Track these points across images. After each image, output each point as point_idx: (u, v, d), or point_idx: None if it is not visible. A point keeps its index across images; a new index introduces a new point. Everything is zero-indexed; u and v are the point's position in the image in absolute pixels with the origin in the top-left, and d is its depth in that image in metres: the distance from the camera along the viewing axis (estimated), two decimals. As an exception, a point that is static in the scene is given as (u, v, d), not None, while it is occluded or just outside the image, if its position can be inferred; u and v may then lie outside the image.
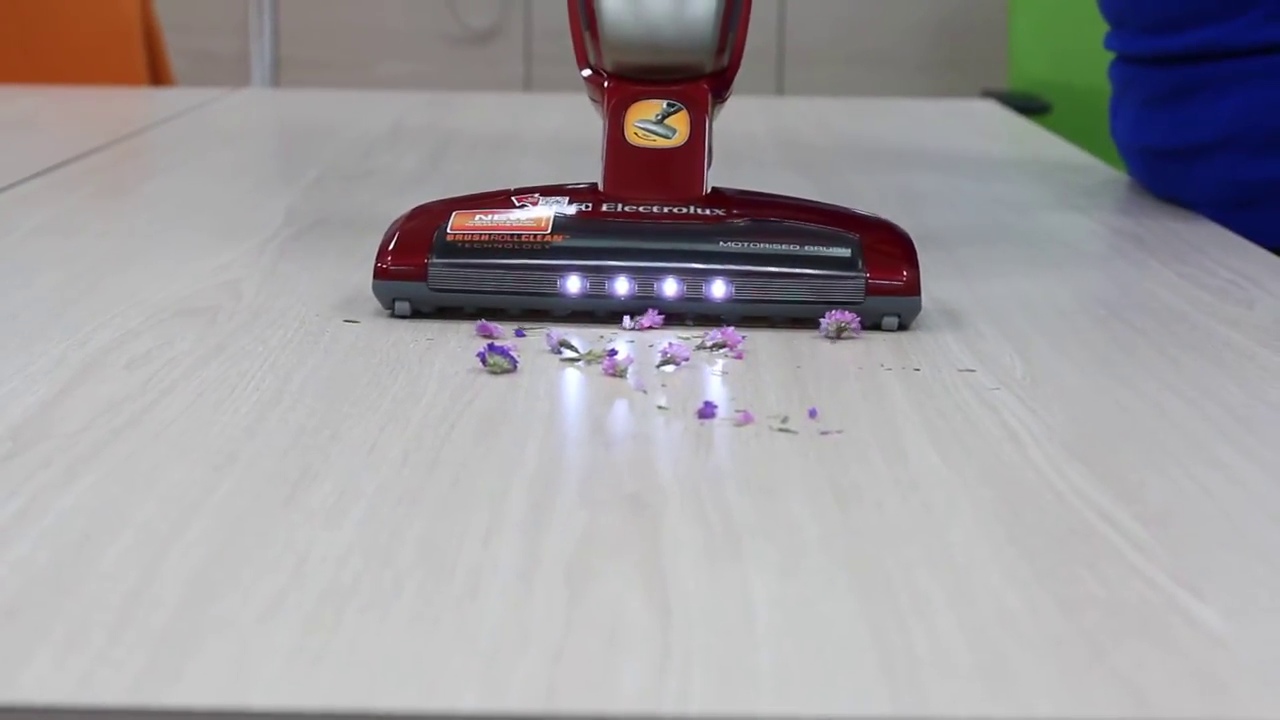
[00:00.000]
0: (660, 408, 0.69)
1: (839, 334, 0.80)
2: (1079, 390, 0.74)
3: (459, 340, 0.79)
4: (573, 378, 0.74)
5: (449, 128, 1.63)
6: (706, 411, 0.68)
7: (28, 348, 0.76)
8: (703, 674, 0.46)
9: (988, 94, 2.54)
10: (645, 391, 0.71)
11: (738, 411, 0.68)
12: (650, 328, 0.80)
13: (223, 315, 0.83)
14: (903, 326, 0.82)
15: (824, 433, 0.66)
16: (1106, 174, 1.36)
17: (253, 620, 0.48)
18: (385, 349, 0.77)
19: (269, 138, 1.68)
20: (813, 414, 0.68)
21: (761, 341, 0.80)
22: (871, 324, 0.81)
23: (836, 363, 0.77)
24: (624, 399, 0.70)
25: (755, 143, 1.55)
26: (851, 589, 0.51)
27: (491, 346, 0.74)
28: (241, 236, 1.03)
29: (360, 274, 0.90)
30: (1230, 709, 0.45)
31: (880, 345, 0.80)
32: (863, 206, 0.88)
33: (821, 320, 0.80)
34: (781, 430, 0.66)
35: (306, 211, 1.13)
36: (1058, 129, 1.75)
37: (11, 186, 1.21)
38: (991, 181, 1.36)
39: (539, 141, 1.54)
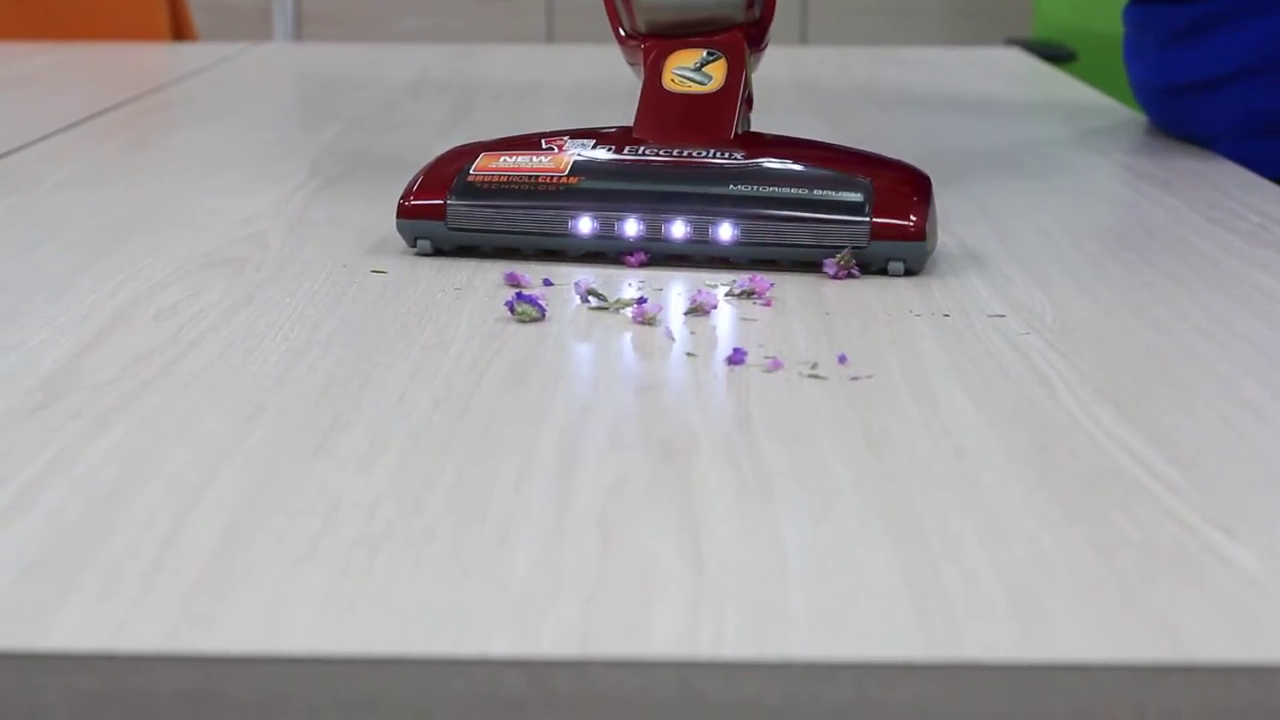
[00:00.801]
0: (689, 354, 0.69)
1: (846, 271, 0.81)
2: (1109, 334, 0.74)
3: (487, 289, 0.79)
4: (601, 325, 0.73)
5: (472, 79, 1.62)
6: (735, 358, 0.68)
7: (56, 300, 0.76)
8: (736, 618, 0.46)
9: (1012, 42, 2.53)
10: (674, 338, 0.71)
11: (766, 358, 0.68)
12: (641, 265, 0.83)
13: (250, 266, 0.83)
14: (910, 272, 0.82)
15: (854, 378, 0.66)
16: (1131, 118, 1.36)
17: (285, 567, 0.48)
18: (413, 298, 0.77)
19: (292, 91, 1.68)
20: (842, 360, 0.68)
21: (790, 288, 0.79)
22: (878, 269, 0.82)
23: (865, 309, 0.76)
24: (653, 346, 0.70)
25: (778, 89, 1.55)
26: (884, 533, 0.51)
27: (520, 295, 0.74)
28: (267, 188, 1.03)
29: (387, 223, 0.90)
30: (1265, 648, 0.45)
31: (909, 291, 0.79)
32: (889, 152, 0.87)
33: (825, 264, 0.81)
34: (811, 376, 0.66)
35: (331, 163, 1.13)
36: (1084, 77, 1.75)
37: (37, 141, 1.21)
38: (1015, 126, 1.36)
39: (564, 91, 1.54)
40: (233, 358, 0.68)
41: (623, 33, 0.90)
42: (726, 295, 0.78)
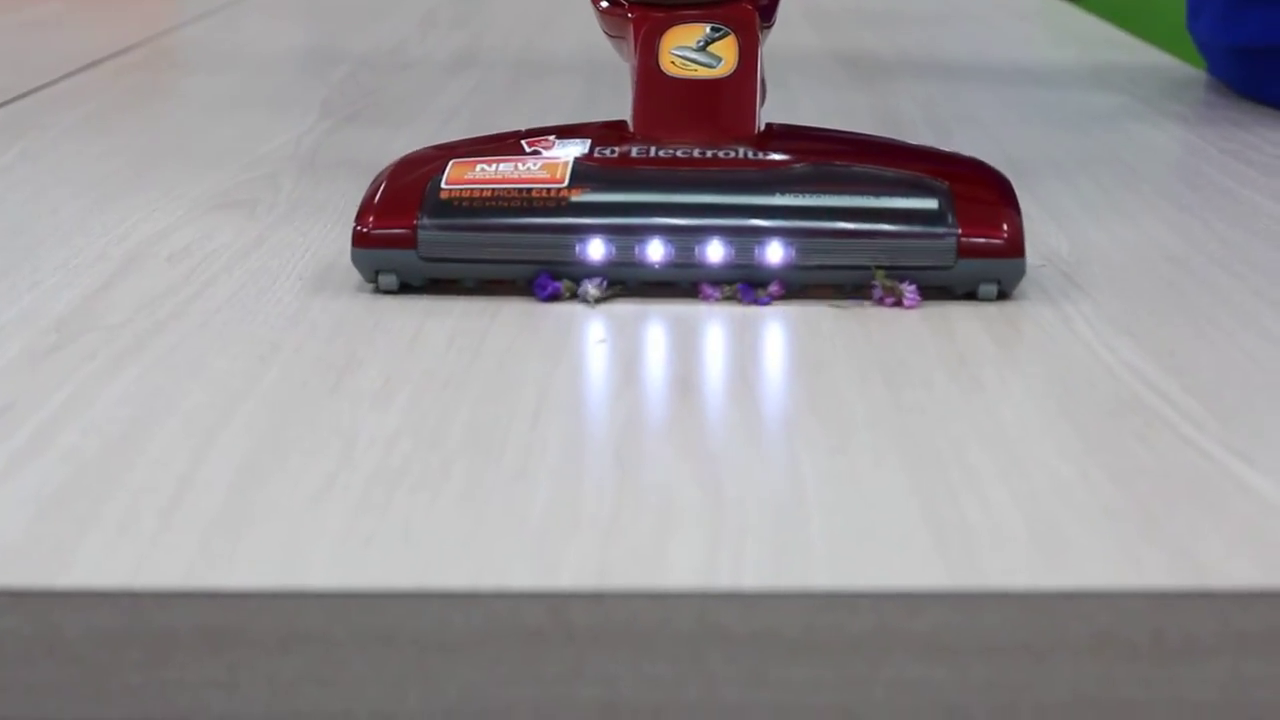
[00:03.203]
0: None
1: (894, 298, 0.66)
2: (1124, 265, 0.74)
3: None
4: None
5: (481, 17, 1.62)
6: (745, 295, 0.66)
7: (68, 242, 0.76)
8: (755, 548, 0.46)
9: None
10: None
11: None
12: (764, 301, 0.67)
13: (262, 208, 0.83)
14: (1003, 294, 0.67)
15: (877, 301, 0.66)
16: (1145, 53, 1.35)
17: (303, 503, 0.48)
18: (426, 237, 0.77)
19: (300, 34, 1.68)
20: (906, 303, 0.66)
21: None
22: (965, 292, 0.67)
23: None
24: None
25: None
26: (902, 464, 0.51)
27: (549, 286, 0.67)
28: (278, 130, 1.03)
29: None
30: (1286, 575, 0.45)
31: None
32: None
33: (874, 287, 0.67)
34: (833, 307, 0.66)
35: (342, 104, 1.13)
36: (1099, 12, 1.74)
37: (46, 86, 1.21)
38: (1025, 59, 1.35)
39: (577, 29, 1.53)
40: (246, 298, 0.68)
41: (604, 3, 0.73)
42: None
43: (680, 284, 0.67)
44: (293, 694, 0.43)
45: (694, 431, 0.54)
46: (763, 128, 0.71)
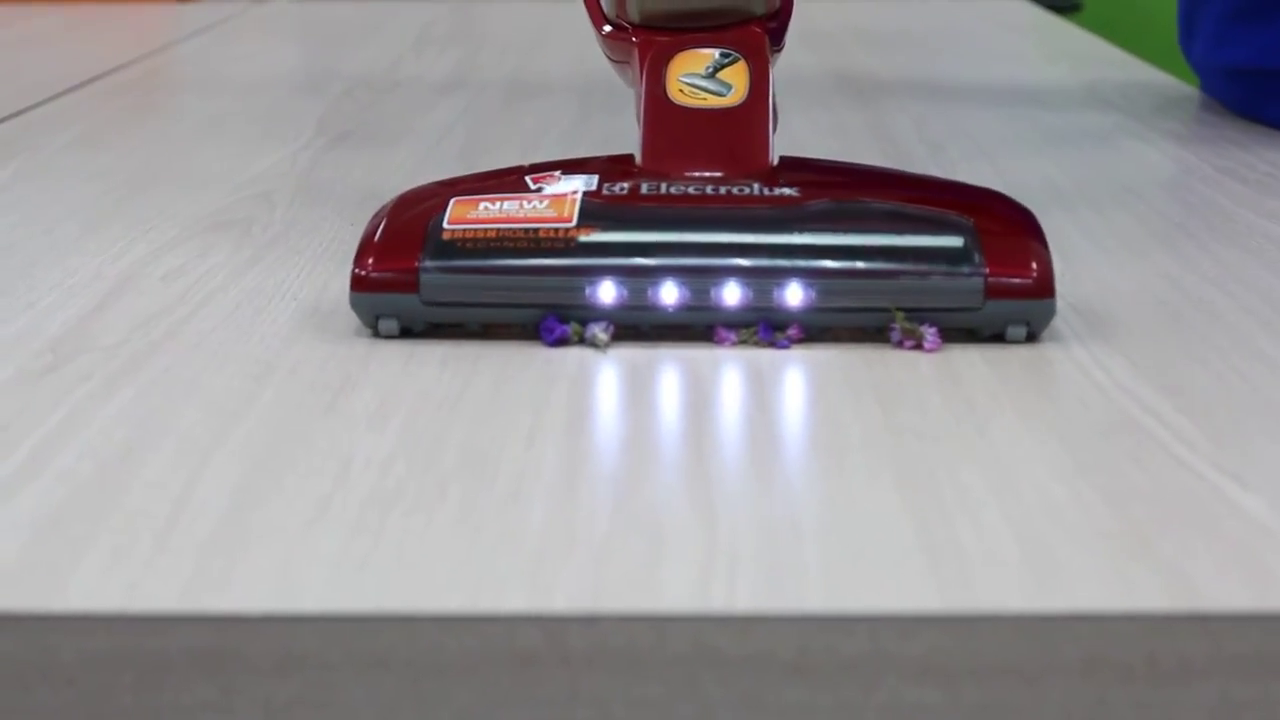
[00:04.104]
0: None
1: (914, 341, 0.64)
2: (1118, 286, 0.74)
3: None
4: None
5: (476, 34, 1.62)
6: (764, 334, 0.64)
7: (63, 262, 0.76)
8: (749, 572, 0.46)
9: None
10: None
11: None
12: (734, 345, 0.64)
13: (257, 227, 0.83)
14: (1032, 336, 0.65)
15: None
16: (1139, 69, 1.35)
17: (298, 526, 0.48)
18: (420, 257, 0.77)
19: (295, 50, 1.68)
20: (926, 346, 0.64)
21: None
22: (992, 334, 0.65)
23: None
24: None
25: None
26: (896, 486, 0.51)
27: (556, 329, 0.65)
28: (273, 148, 1.03)
29: (394, 184, 0.90)
30: (1277, 597, 0.45)
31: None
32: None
33: (892, 330, 0.64)
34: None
35: (337, 122, 1.13)
36: (1092, 28, 1.74)
37: (41, 104, 1.21)
38: (1020, 76, 1.35)
39: (571, 47, 1.54)
40: (241, 319, 0.68)
41: (609, 27, 0.71)
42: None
43: (695, 327, 0.65)
44: (287, 717, 0.44)
45: (688, 454, 0.54)
46: (776, 159, 0.68)
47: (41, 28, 1.71)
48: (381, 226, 0.66)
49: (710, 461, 0.53)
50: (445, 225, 0.65)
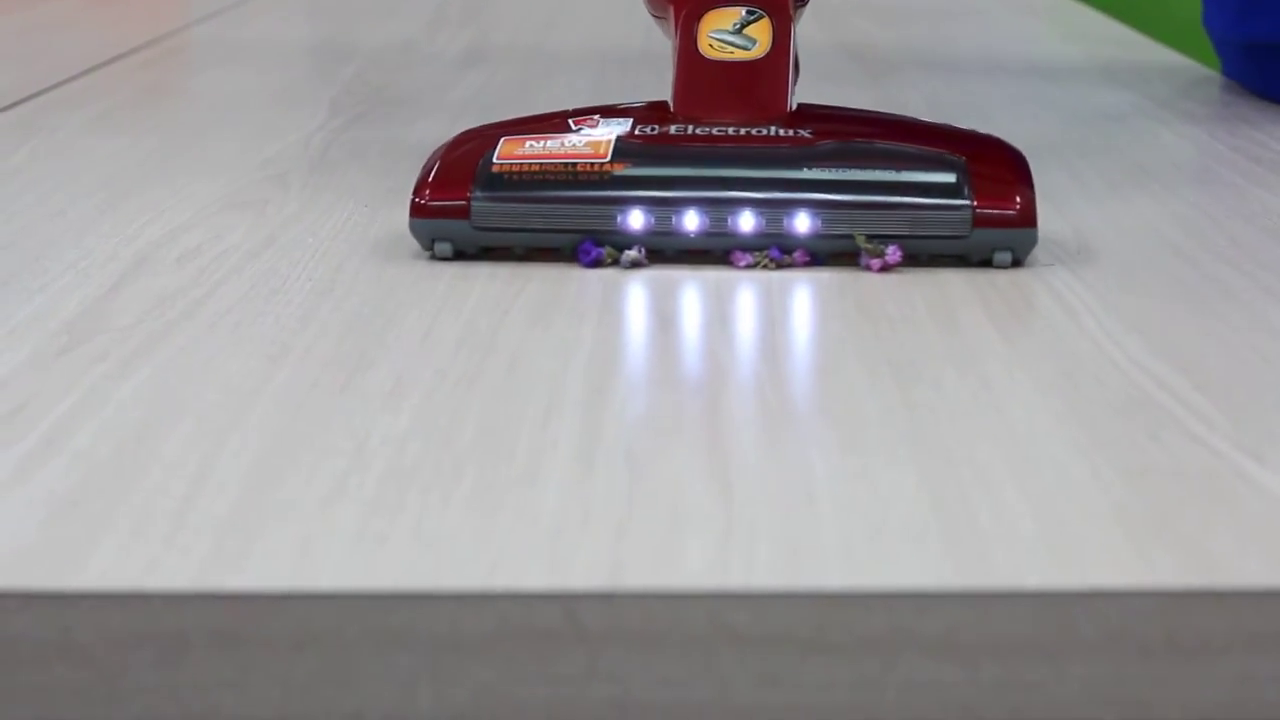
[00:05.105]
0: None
1: (882, 262, 0.71)
2: (1134, 264, 0.74)
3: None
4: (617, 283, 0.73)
5: (489, 15, 1.62)
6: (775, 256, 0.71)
7: (79, 243, 0.76)
8: (767, 548, 0.46)
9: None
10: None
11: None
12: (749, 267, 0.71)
13: (271, 208, 0.83)
14: (1016, 262, 0.71)
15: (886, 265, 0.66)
16: (1157, 51, 1.35)
17: (315, 504, 0.48)
18: (436, 237, 0.77)
19: (307, 33, 1.68)
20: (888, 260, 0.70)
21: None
22: (981, 260, 0.71)
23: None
24: (676, 281, 0.70)
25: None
26: (913, 463, 0.51)
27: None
28: (287, 129, 1.03)
29: (408, 163, 0.90)
30: (1298, 573, 0.45)
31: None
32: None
33: (862, 257, 0.71)
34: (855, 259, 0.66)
35: (351, 102, 1.13)
36: (1108, 10, 1.73)
37: (55, 87, 1.21)
38: (1033, 55, 1.35)
39: (585, 25, 1.53)
40: (256, 299, 0.68)
41: None
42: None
43: (714, 252, 0.71)
44: (305, 695, 0.43)
45: (705, 431, 0.54)
46: (794, 106, 0.75)
47: (60, 10, 1.71)
48: (438, 162, 0.74)
49: (725, 436, 0.53)
50: (495, 160, 0.73)
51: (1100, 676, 0.43)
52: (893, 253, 0.71)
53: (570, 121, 0.75)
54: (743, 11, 0.75)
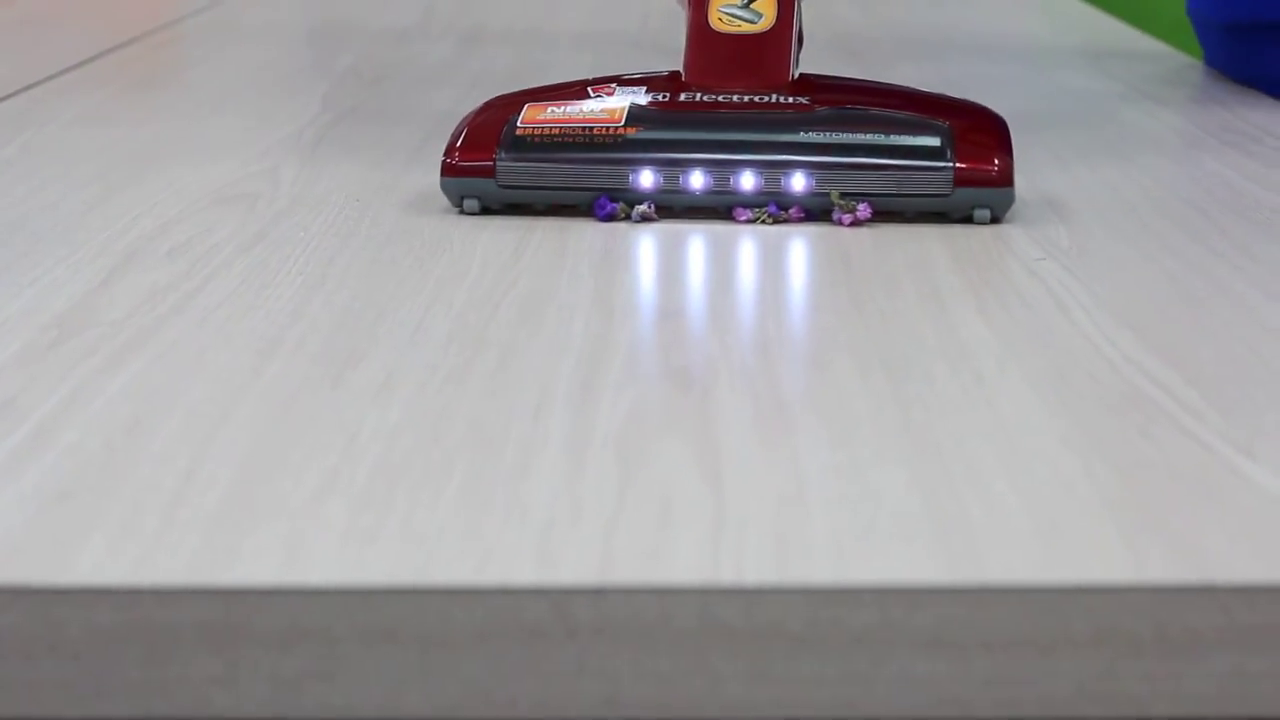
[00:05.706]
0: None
1: (853, 217, 0.77)
2: (1125, 259, 0.73)
3: (501, 223, 0.78)
4: (617, 252, 0.73)
5: (482, 12, 1.62)
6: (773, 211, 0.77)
7: (69, 238, 0.76)
8: (757, 544, 0.46)
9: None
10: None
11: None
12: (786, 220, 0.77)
13: (262, 202, 0.83)
14: (995, 219, 0.78)
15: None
16: (1149, 46, 1.35)
17: (305, 499, 0.48)
18: (428, 232, 0.77)
19: (299, 28, 1.67)
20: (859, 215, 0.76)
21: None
22: (962, 217, 0.78)
23: (881, 235, 0.76)
24: (666, 276, 0.70)
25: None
26: (904, 458, 0.51)
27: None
28: (278, 125, 1.02)
29: (400, 157, 0.90)
30: (1289, 569, 0.45)
31: (924, 216, 0.79)
32: (955, 92, 0.86)
33: (834, 214, 0.77)
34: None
35: (343, 97, 1.13)
36: (1099, 3, 1.73)
37: (46, 80, 1.20)
38: (1021, 45, 1.35)
39: (579, 18, 1.53)
40: (247, 293, 0.68)
41: None
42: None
43: (718, 208, 0.78)
44: (294, 691, 0.43)
45: (696, 426, 0.54)
46: (797, 75, 0.82)
47: (47, 3, 1.71)
48: (466, 125, 0.81)
49: (716, 431, 0.53)
50: (519, 124, 0.79)
51: (1091, 671, 0.43)
52: (863, 209, 0.77)
53: (589, 89, 0.81)
54: None
